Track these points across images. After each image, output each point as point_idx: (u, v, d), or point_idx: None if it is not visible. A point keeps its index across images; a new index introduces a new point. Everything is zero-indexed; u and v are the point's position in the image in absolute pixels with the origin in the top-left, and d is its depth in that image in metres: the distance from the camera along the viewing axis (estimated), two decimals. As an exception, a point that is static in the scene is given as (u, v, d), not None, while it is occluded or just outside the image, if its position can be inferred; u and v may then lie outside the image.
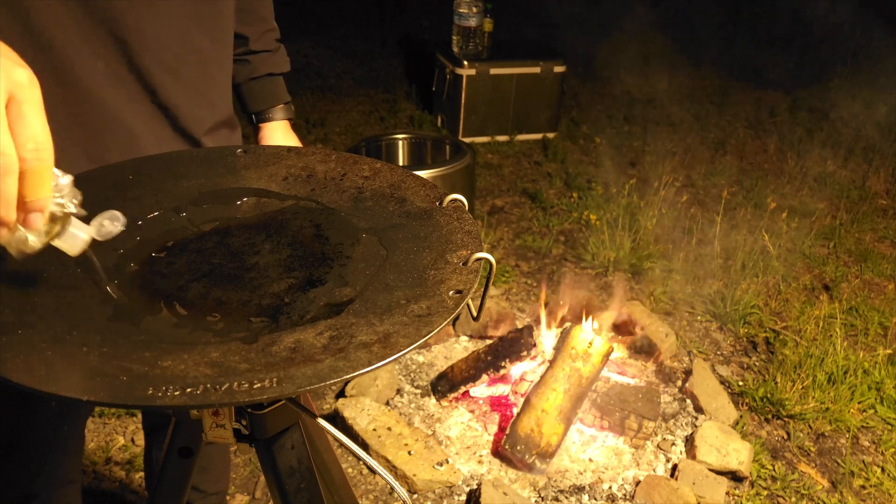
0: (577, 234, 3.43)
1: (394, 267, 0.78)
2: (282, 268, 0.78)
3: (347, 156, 0.97)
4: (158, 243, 0.81)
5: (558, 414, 2.08)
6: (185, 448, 0.87)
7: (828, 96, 5.09)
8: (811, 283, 3.17)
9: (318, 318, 0.69)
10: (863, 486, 2.19)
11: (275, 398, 0.59)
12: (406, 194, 0.90)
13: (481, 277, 0.77)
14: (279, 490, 0.82)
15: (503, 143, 4.37)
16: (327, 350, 0.64)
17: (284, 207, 0.88)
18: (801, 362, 2.55)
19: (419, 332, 0.66)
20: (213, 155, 0.96)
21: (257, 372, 0.61)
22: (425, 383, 2.38)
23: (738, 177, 4.03)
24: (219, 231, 0.84)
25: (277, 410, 0.79)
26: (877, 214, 3.82)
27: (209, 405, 0.55)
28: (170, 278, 0.75)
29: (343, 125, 4.49)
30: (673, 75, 4.97)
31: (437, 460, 2.06)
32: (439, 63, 4.42)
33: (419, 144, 3.54)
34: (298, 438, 0.83)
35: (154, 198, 0.86)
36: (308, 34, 5.86)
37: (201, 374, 0.60)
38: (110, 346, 0.63)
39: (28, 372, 0.58)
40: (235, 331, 0.68)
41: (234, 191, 0.90)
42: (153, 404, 0.56)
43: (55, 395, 0.56)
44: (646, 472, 2.12)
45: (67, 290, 0.71)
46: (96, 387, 0.57)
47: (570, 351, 2.18)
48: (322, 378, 0.60)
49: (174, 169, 0.92)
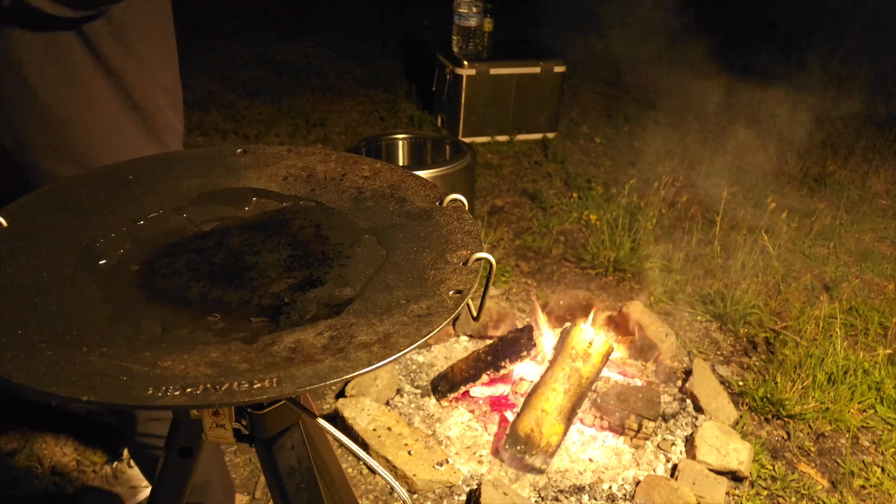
0: (577, 234, 3.43)
1: (394, 267, 0.78)
2: (282, 268, 0.78)
3: (347, 156, 0.97)
4: (158, 243, 0.81)
5: (558, 414, 2.08)
6: (185, 448, 0.87)
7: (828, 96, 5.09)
8: (811, 283, 3.17)
9: (318, 318, 0.69)
10: (863, 486, 2.19)
11: (275, 398, 0.59)
12: (406, 194, 0.90)
13: (481, 277, 0.77)
14: (279, 490, 0.82)
15: (503, 143, 4.37)
16: (327, 350, 0.64)
17: (284, 207, 0.88)
18: (801, 362, 2.55)
19: (419, 332, 0.66)
20: (212, 155, 0.96)
21: (257, 372, 0.61)
22: (425, 383, 2.38)
23: (738, 177, 4.02)
24: (219, 231, 0.84)
25: (277, 410, 0.79)
26: (877, 214, 3.82)
27: (209, 405, 0.56)
28: (170, 278, 0.75)
29: (343, 125, 4.49)
30: (673, 75, 4.97)
31: (437, 460, 2.06)
32: (439, 63, 4.42)
33: (419, 144, 3.54)
34: (298, 438, 0.83)
35: (154, 198, 0.87)
36: (308, 34, 5.86)
37: (201, 374, 0.60)
38: (110, 346, 0.63)
39: (28, 372, 0.58)
40: (235, 331, 0.68)
41: (234, 191, 0.90)
42: (153, 404, 0.56)
43: (55, 395, 0.56)
44: (646, 472, 2.12)
45: (67, 289, 0.71)
46: (96, 387, 0.57)
47: (570, 351, 2.18)
48: (322, 378, 0.60)
49: (174, 169, 0.92)
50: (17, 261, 0.74)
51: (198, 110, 4.56)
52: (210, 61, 5.32)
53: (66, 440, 2.13)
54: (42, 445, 2.11)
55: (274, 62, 5.37)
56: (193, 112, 4.54)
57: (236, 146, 0.97)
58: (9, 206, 0.83)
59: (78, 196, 0.85)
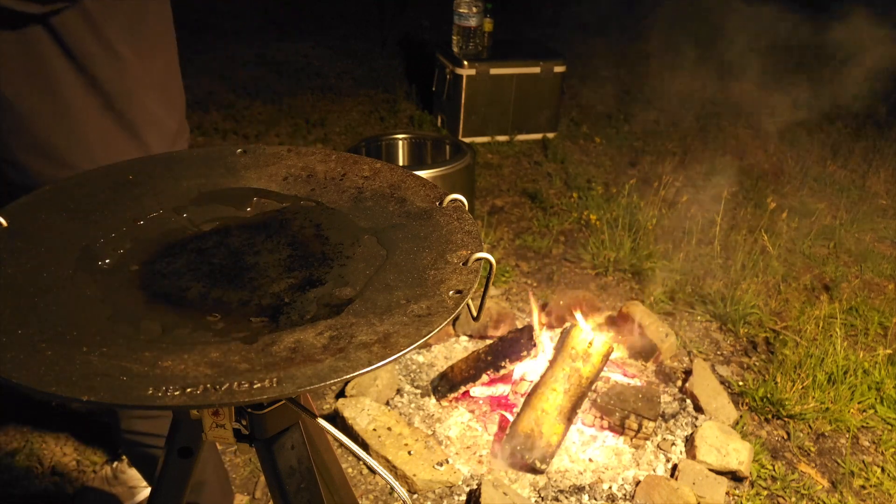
0: (577, 234, 3.43)
1: (394, 267, 0.78)
2: (282, 268, 0.78)
3: (347, 156, 0.97)
4: (158, 244, 0.81)
5: (558, 414, 2.08)
6: (185, 448, 0.87)
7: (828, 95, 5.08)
8: (811, 283, 3.17)
9: (318, 318, 0.69)
10: (863, 486, 2.19)
11: (275, 398, 0.59)
12: (406, 194, 0.90)
13: (481, 277, 0.77)
14: (279, 490, 0.82)
15: (503, 143, 4.36)
16: (327, 350, 0.64)
17: (284, 207, 0.89)
18: (801, 362, 2.55)
19: (419, 332, 0.66)
20: (212, 155, 0.96)
21: (257, 372, 0.61)
22: (425, 383, 2.38)
23: (738, 177, 4.02)
24: (219, 231, 0.84)
25: (277, 410, 0.79)
26: (877, 214, 3.81)
27: (209, 405, 0.56)
28: (170, 278, 0.75)
29: (343, 125, 4.49)
30: (673, 75, 4.96)
31: (437, 460, 2.06)
32: (439, 63, 4.42)
33: (419, 144, 3.54)
34: (298, 438, 0.83)
35: (154, 198, 0.87)
36: (308, 34, 5.86)
37: (201, 374, 0.60)
38: (110, 346, 0.63)
39: (28, 372, 0.58)
40: (235, 331, 0.68)
41: (234, 191, 0.90)
42: (153, 404, 0.56)
43: (55, 395, 0.56)
44: (646, 472, 2.12)
45: (67, 289, 0.71)
46: (96, 387, 0.57)
47: (570, 351, 2.18)
48: (322, 378, 0.60)
49: (174, 169, 0.92)
50: (17, 261, 0.74)
51: (198, 110, 4.56)
52: (210, 61, 5.32)
53: (66, 440, 2.13)
54: (42, 445, 2.11)
55: (274, 62, 5.37)
56: (193, 112, 4.54)
57: (236, 146, 0.97)
58: (8, 207, 0.83)
59: (78, 196, 0.85)
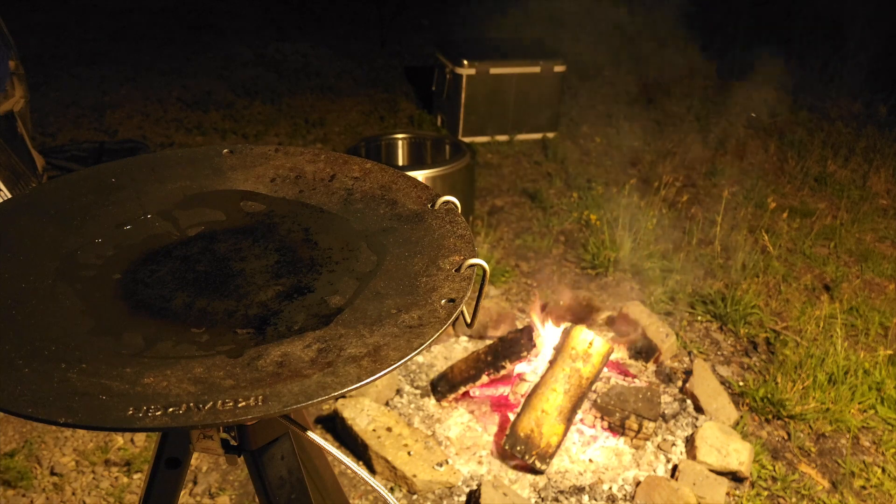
0: (577, 234, 3.41)
1: (384, 274, 0.76)
2: (269, 274, 0.76)
3: (337, 156, 0.95)
4: (141, 250, 0.79)
5: (558, 414, 2.07)
6: (172, 459, 0.85)
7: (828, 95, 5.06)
8: (811, 283, 3.15)
9: (306, 329, 0.67)
10: (863, 486, 2.17)
11: (260, 418, 0.57)
12: (397, 196, 0.88)
13: (475, 283, 0.75)
14: (268, 502, 0.80)
15: (503, 142, 4.35)
16: (315, 364, 0.62)
17: (272, 210, 0.86)
18: (801, 362, 2.53)
19: (410, 344, 0.64)
20: (198, 156, 0.94)
21: (242, 389, 0.59)
22: (425, 384, 2.37)
23: (738, 177, 4.00)
24: (204, 236, 0.82)
25: (266, 421, 0.77)
26: (877, 214, 3.79)
27: (192, 426, 0.53)
28: (153, 287, 0.73)
29: (343, 125, 4.47)
30: (673, 75, 4.94)
31: (437, 461, 2.05)
32: (439, 63, 4.40)
33: (419, 144, 3.52)
34: (289, 448, 0.81)
35: (137, 201, 0.84)
36: (308, 34, 5.84)
37: (184, 392, 0.58)
38: (90, 361, 0.61)
39: (3, 392, 0.56)
40: (220, 343, 0.66)
41: (220, 193, 0.88)
42: (133, 426, 0.54)
43: (31, 417, 0.54)
44: (646, 472, 2.10)
45: (46, 300, 0.69)
46: (74, 407, 0.55)
47: (570, 351, 2.16)
48: (309, 396, 0.58)
49: (158, 171, 0.90)
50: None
51: (197, 110, 4.55)
52: (209, 61, 5.30)
53: (66, 440, 2.13)
54: (42, 445, 2.10)
55: (273, 62, 5.35)
56: (193, 112, 4.52)
57: (223, 146, 0.95)
58: None
59: (58, 201, 0.82)
